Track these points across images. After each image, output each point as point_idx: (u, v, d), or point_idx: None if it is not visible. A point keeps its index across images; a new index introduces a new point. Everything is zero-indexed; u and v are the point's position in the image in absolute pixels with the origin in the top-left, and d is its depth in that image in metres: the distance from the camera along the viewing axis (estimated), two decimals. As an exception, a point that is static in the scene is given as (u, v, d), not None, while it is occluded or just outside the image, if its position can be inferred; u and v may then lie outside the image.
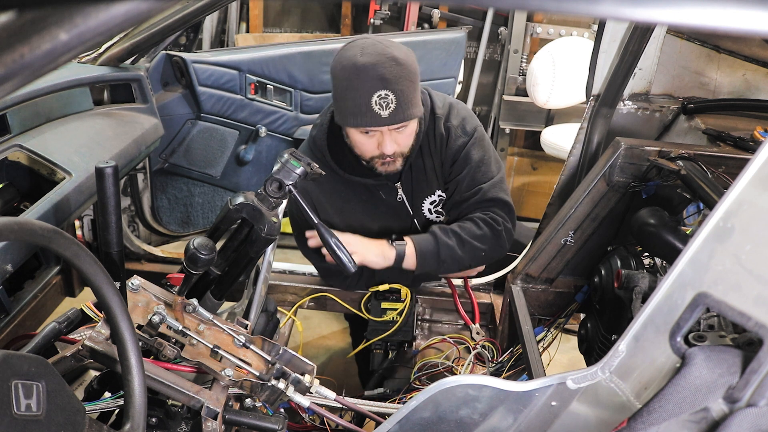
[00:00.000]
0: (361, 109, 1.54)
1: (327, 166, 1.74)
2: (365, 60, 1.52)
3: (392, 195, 1.82)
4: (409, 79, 1.56)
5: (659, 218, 1.42)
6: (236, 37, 3.89)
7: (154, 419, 1.10)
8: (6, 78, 0.43)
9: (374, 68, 1.51)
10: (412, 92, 1.58)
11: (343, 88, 1.57)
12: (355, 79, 1.53)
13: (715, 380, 0.77)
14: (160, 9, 0.47)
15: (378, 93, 1.52)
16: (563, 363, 2.26)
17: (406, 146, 1.67)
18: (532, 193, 3.72)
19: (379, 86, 1.52)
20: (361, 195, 1.81)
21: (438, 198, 1.85)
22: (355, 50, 1.55)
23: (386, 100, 1.53)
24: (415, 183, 1.82)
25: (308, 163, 1.27)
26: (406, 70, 1.55)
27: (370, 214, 1.83)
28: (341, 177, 1.77)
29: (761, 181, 0.77)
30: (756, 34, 0.44)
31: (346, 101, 1.57)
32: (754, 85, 2.09)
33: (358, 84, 1.53)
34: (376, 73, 1.51)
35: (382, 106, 1.53)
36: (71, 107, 1.82)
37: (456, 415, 1.01)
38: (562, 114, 3.65)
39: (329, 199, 1.80)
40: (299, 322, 1.94)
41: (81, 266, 0.86)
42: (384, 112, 1.54)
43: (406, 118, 1.58)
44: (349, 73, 1.54)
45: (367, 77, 1.52)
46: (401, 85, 1.54)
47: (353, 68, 1.53)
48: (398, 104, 1.54)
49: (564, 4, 0.42)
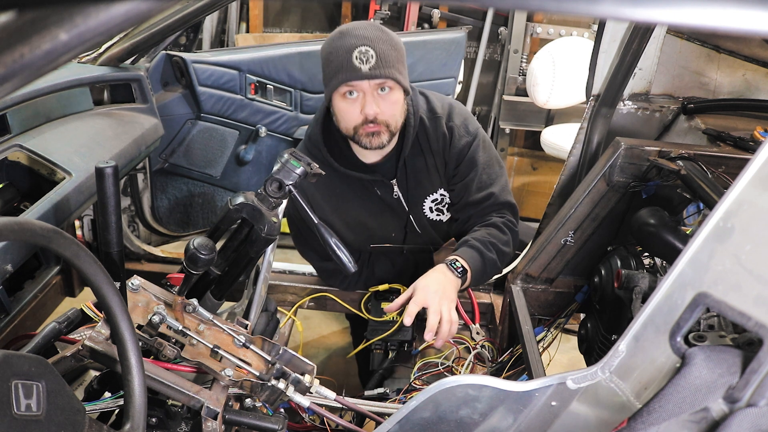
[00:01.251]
0: (342, 66, 1.58)
1: (323, 161, 1.75)
2: (349, 26, 1.62)
3: (388, 192, 1.82)
4: (391, 45, 1.61)
5: (659, 218, 1.42)
6: (236, 37, 3.89)
7: (154, 419, 1.10)
8: (6, 78, 0.43)
9: (356, 29, 1.59)
10: (395, 57, 1.61)
11: (328, 54, 1.62)
12: (337, 40, 1.59)
13: (715, 380, 0.77)
14: (160, 9, 0.47)
15: (359, 48, 1.56)
16: (563, 363, 2.26)
17: (389, 116, 1.66)
18: (532, 193, 3.72)
19: (359, 42, 1.57)
20: (356, 191, 1.81)
21: (440, 197, 1.85)
22: (342, 30, 1.63)
23: (366, 55, 1.56)
24: (414, 181, 1.82)
25: (308, 163, 1.27)
26: (388, 36, 1.61)
27: (366, 210, 1.83)
28: (337, 172, 1.77)
29: (761, 181, 0.77)
30: (756, 34, 0.44)
31: (330, 64, 1.62)
32: (754, 85, 2.09)
33: (340, 44, 1.58)
34: (357, 33, 1.58)
35: (362, 60, 1.56)
36: (71, 107, 1.82)
37: (456, 415, 1.01)
38: (562, 114, 3.65)
39: (325, 197, 1.81)
40: (299, 322, 1.94)
41: (81, 266, 0.86)
42: (364, 66, 1.57)
43: (386, 75, 1.59)
44: (333, 38, 1.61)
45: (349, 36, 1.58)
46: (382, 45, 1.58)
47: (337, 33, 1.61)
48: (378, 60, 1.57)
49: (564, 4, 0.42)
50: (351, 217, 1.84)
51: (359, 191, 1.81)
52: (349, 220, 1.84)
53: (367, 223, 1.85)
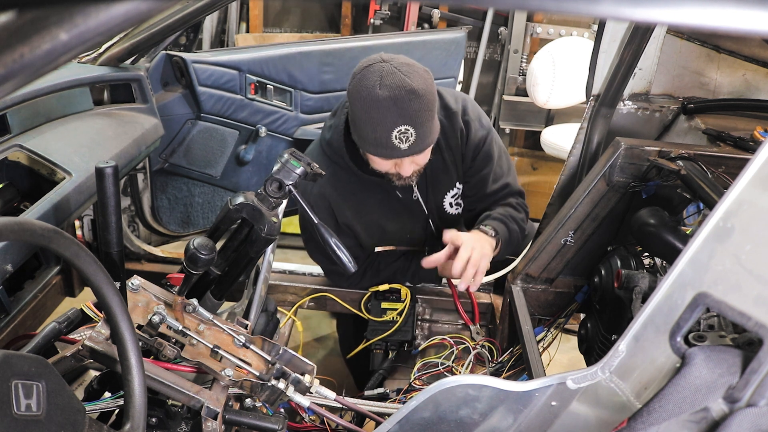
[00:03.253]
0: (381, 142, 1.55)
1: (345, 167, 1.76)
2: (385, 94, 1.50)
3: (408, 194, 1.85)
4: (428, 110, 1.56)
5: (659, 218, 1.42)
6: (236, 37, 3.89)
7: (154, 419, 1.10)
8: (6, 78, 0.43)
9: (394, 104, 1.50)
10: (430, 121, 1.58)
11: (362, 119, 1.56)
12: (374, 112, 1.52)
13: (715, 380, 0.77)
14: (160, 9, 0.47)
15: (398, 128, 1.52)
16: (563, 363, 2.26)
17: (422, 164, 1.70)
18: (532, 193, 3.70)
19: (399, 122, 1.52)
20: (377, 194, 1.83)
21: (457, 190, 1.91)
22: (374, 80, 1.52)
23: (406, 135, 1.53)
24: (434, 179, 1.85)
25: (308, 163, 1.27)
26: (425, 101, 1.54)
27: (386, 213, 1.86)
28: (358, 177, 1.78)
29: (761, 181, 0.77)
30: (756, 34, 0.44)
31: (366, 131, 1.57)
32: (754, 85, 2.09)
33: (377, 117, 1.52)
34: (396, 110, 1.50)
35: (402, 140, 1.54)
36: (71, 107, 1.82)
37: (456, 415, 1.01)
38: (562, 114, 3.65)
39: (346, 200, 1.82)
40: (299, 322, 1.95)
41: (81, 266, 0.86)
42: (404, 145, 1.55)
43: (424, 148, 1.60)
44: (368, 106, 1.52)
45: (387, 113, 1.51)
46: (421, 119, 1.54)
47: (372, 101, 1.51)
48: (417, 137, 1.55)
49: (564, 4, 0.42)
50: (370, 219, 1.86)
51: (379, 194, 1.83)
52: (369, 221, 1.86)
53: (385, 225, 1.87)
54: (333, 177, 1.77)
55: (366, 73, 1.54)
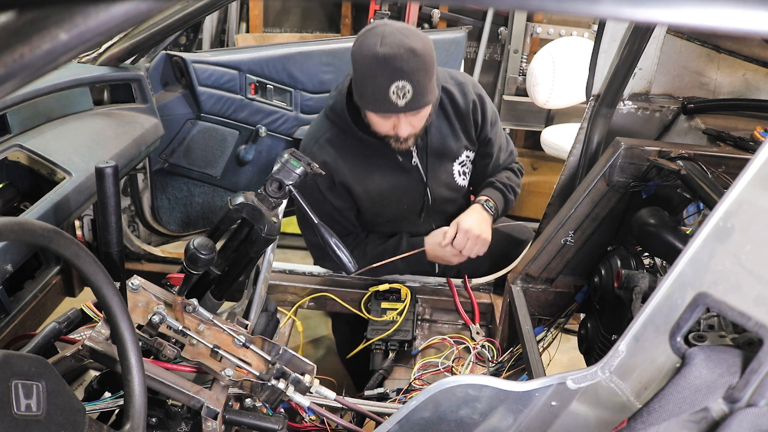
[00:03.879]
0: (379, 97, 1.62)
1: (347, 129, 1.82)
2: (385, 51, 1.58)
3: (408, 158, 1.89)
4: (425, 70, 1.63)
5: (659, 218, 1.42)
6: (236, 37, 3.89)
7: (154, 419, 1.10)
8: (6, 78, 0.43)
9: (393, 60, 1.57)
10: (428, 81, 1.65)
11: (363, 75, 1.64)
12: (374, 68, 1.59)
13: (715, 380, 0.77)
14: (160, 9, 0.47)
15: (396, 83, 1.59)
16: (563, 363, 2.26)
17: (419, 127, 1.76)
18: (532, 193, 3.71)
19: (396, 77, 1.59)
20: (377, 157, 1.87)
21: (466, 158, 1.98)
22: (376, 39, 1.60)
23: (403, 90, 1.60)
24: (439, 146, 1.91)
25: (308, 163, 1.27)
26: (423, 60, 1.61)
27: (385, 176, 1.89)
28: (359, 138, 1.83)
29: (761, 181, 0.77)
30: (756, 34, 0.44)
31: (365, 87, 1.65)
32: (754, 85, 2.09)
33: (377, 73, 1.60)
34: (394, 65, 1.58)
35: (399, 95, 1.60)
36: (71, 107, 1.82)
37: (456, 415, 1.01)
38: (562, 114, 3.65)
39: (346, 161, 1.86)
40: (299, 322, 1.94)
41: (81, 266, 0.86)
42: (401, 101, 1.61)
43: (421, 106, 1.66)
44: (368, 62, 1.60)
45: (386, 68, 1.58)
46: (418, 76, 1.61)
47: (373, 58, 1.59)
48: (414, 94, 1.61)
49: (564, 4, 0.42)
50: (372, 186, 1.89)
51: (380, 159, 1.87)
52: (371, 188, 1.89)
53: (383, 190, 1.90)
54: (335, 138, 1.84)
55: (368, 34, 1.63)
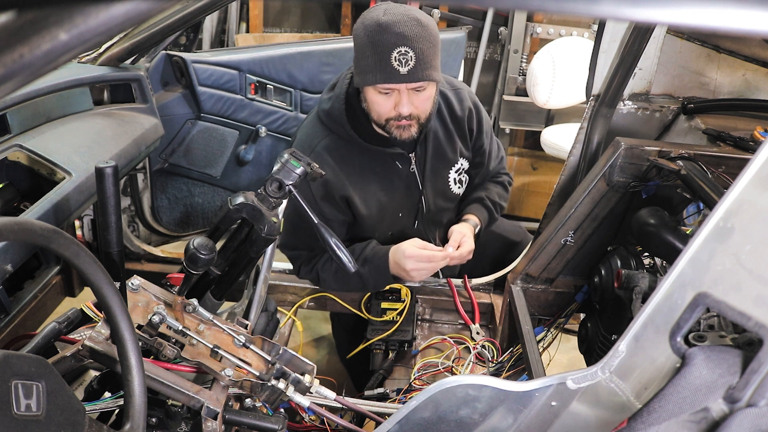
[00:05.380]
0: (381, 65, 1.56)
1: (346, 136, 1.76)
2: (387, 18, 1.55)
3: (406, 165, 1.85)
4: (430, 41, 1.58)
5: (659, 218, 1.42)
6: (236, 37, 3.89)
7: (154, 419, 1.10)
8: (6, 78, 0.43)
9: (396, 25, 1.54)
10: (433, 54, 1.59)
11: (364, 45, 1.58)
12: (376, 35, 1.55)
13: (715, 380, 0.77)
14: (160, 9, 0.47)
15: (398, 49, 1.54)
16: (563, 363, 2.26)
17: (422, 111, 1.68)
18: (532, 193, 3.71)
19: (399, 42, 1.54)
20: (376, 167, 1.82)
21: (461, 166, 1.95)
22: (378, 11, 1.59)
23: (406, 57, 1.54)
24: (437, 152, 1.88)
25: (308, 163, 1.27)
26: (428, 31, 1.57)
27: (383, 183, 1.85)
28: (357, 145, 1.78)
29: (761, 181, 0.77)
30: (756, 34, 0.44)
31: (366, 58, 1.58)
32: (754, 85, 2.09)
33: (379, 40, 1.55)
34: (397, 30, 1.54)
35: (401, 62, 1.55)
36: (71, 107, 1.82)
37: (456, 415, 1.01)
38: (562, 114, 3.65)
39: (346, 173, 1.79)
40: (299, 322, 1.94)
41: (81, 266, 0.86)
42: (403, 68, 1.55)
43: (424, 78, 1.59)
44: (371, 31, 1.56)
45: (389, 33, 1.54)
46: (421, 44, 1.56)
47: (375, 25, 1.55)
48: (417, 62, 1.55)
49: (564, 4, 0.42)
50: (370, 195, 1.84)
51: (379, 167, 1.83)
52: (369, 198, 1.84)
53: (381, 198, 1.86)
54: (332, 145, 1.78)
55: (372, 8, 1.61)
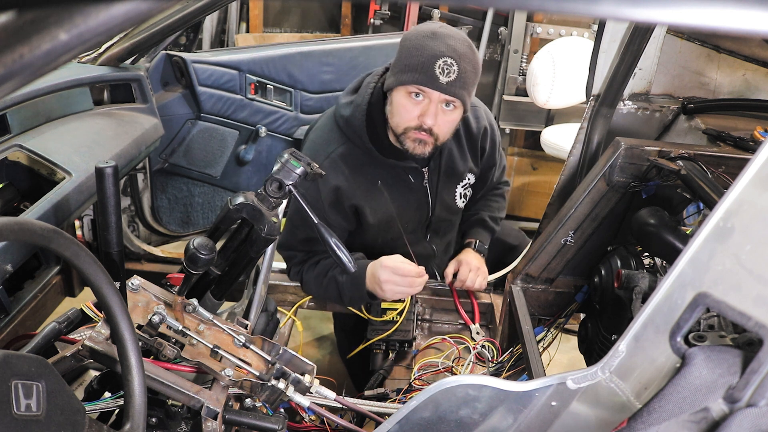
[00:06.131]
0: (423, 68, 1.57)
1: (361, 145, 1.76)
2: (444, 31, 1.60)
3: (419, 179, 1.86)
4: (474, 67, 1.62)
5: (659, 218, 1.42)
6: (236, 37, 3.89)
7: (154, 419, 1.10)
8: (6, 78, 0.43)
9: (449, 38, 1.58)
10: (473, 80, 1.63)
11: (412, 47, 1.60)
12: (428, 40, 1.58)
13: (715, 380, 0.77)
14: (160, 9, 0.47)
15: (444, 59, 1.56)
16: (563, 363, 2.26)
17: (443, 132, 1.69)
18: (532, 193, 3.71)
19: (448, 53, 1.56)
20: (389, 179, 1.82)
21: (468, 181, 1.97)
22: (436, 24, 1.65)
23: (450, 69, 1.56)
24: (449, 167, 1.89)
25: (308, 163, 1.27)
26: (475, 58, 1.62)
27: (395, 196, 1.84)
28: (373, 157, 1.78)
29: (761, 181, 0.77)
30: (756, 34, 0.44)
31: (411, 58, 1.59)
32: (754, 85, 2.09)
33: (429, 45, 1.57)
34: (449, 42, 1.57)
35: (444, 71, 1.56)
36: (71, 107, 1.82)
37: (456, 415, 1.01)
38: (562, 114, 3.65)
39: (359, 183, 1.79)
40: (299, 322, 1.94)
41: (81, 266, 0.86)
42: (443, 77, 1.57)
43: (459, 95, 1.60)
44: (424, 36, 1.59)
45: (440, 42, 1.57)
46: (467, 65, 1.59)
47: (430, 32, 1.59)
48: (458, 77, 1.57)
49: (564, 4, 0.42)
50: (380, 207, 1.84)
51: (391, 179, 1.83)
52: (378, 209, 1.84)
53: (391, 211, 1.85)
54: (348, 154, 1.77)
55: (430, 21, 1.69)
